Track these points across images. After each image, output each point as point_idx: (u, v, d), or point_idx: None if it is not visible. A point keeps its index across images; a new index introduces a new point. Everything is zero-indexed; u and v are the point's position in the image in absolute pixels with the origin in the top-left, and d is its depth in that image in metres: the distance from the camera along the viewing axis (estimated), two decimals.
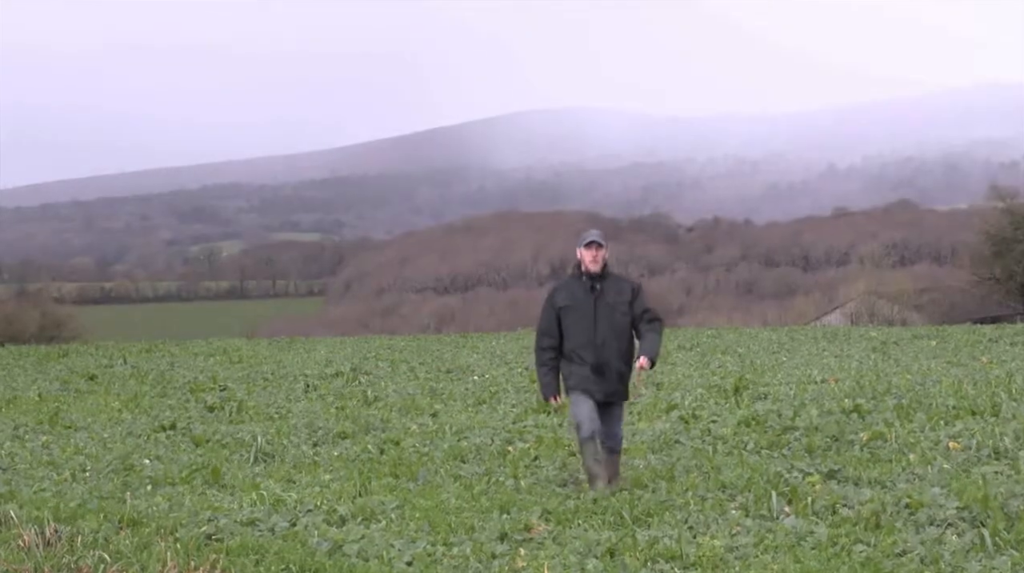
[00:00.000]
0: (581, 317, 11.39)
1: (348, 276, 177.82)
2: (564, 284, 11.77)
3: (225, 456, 14.06)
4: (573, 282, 11.63)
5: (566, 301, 11.50)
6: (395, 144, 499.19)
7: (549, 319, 11.59)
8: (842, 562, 8.14)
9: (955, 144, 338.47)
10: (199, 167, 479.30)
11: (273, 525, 9.90)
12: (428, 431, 15.61)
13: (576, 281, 11.60)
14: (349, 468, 13.00)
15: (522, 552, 8.79)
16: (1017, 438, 12.54)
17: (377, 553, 8.85)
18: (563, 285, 11.76)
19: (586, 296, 11.44)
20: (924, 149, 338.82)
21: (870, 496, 9.97)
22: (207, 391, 21.43)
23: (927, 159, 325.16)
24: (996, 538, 8.47)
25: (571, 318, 11.43)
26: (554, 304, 11.59)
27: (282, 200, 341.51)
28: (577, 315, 11.41)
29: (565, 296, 11.55)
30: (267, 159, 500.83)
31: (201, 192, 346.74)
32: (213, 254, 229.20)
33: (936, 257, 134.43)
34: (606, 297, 11.42)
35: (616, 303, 11.43)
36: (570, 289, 11.59)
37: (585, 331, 11.37)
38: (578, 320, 11.40)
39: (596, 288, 11.45)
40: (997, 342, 28.09)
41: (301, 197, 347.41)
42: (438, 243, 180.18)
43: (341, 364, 25.99)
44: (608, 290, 11.47)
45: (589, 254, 11.48)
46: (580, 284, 11.54)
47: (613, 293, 11.47)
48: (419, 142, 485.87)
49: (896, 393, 17.00)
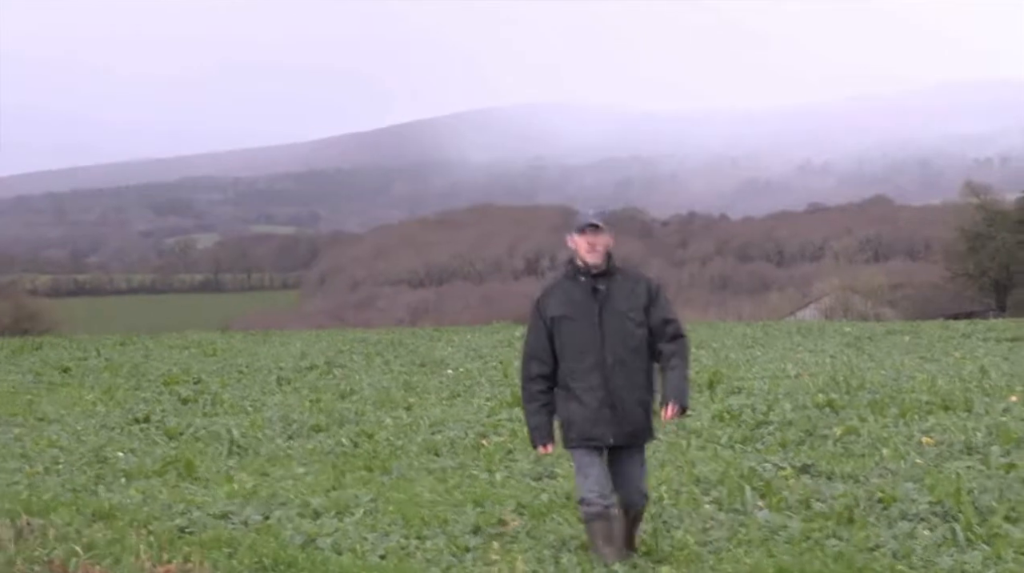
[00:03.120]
0: (582, 330, 8.46)
1: (323, 269, 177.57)
2: (556, 286, 8.74)
3: (199, 449, 14.03)
4: (568, 283, 8.64)
5: (561, 309, 8.54)
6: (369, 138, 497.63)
7: (539, 335, 8.63)
8: (815, 556, 8.17)
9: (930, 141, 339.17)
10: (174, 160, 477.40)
11: (247, 518, 9.89)
12: (402, 424, 15.60)
13: (572, 281, 8.62)
14: (323, 461, 12.99)
15: (496, 546, 8.80)
16: (989, 433, 12.59)
17: (351, 546, 8.85)
18: (555, 288, 8.74)
19: (587, 301, 8.49)
20: (899, 146, 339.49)
21: (843, 490, 10.01)
22: (181, 384, 21.38)
23: (902, 156, 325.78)
24: (968, 533, 8.52)
25: (569, 332, 8.49)
26: (544, 314, 8.61)
27: (257, 193, 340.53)
28: (577, 328, 8.47)
29: (559, 302, 8.58)
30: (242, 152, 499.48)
31: (176, 184, 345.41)
32: (188, 247, 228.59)
33: (910, 253, 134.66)
34: (614, 301, 8.49)
35: (629, 309, 8.50)
36: (565, 293, 8.61)
37: (589, 349, 8.43)
38: (578, 334, 8.47)
39: (600, 290, 8.51)
40: (970, 337, 28.19)
41: (276, 190, 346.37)
42: (413, 237, 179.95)
43: (316, 357, 25.95)
44: (617, 292, 8.53)
45: (586, 241, 8.49)
46: (578, 285, 8.57)
47: (623, 295, 8.53)
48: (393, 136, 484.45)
49: (870, 388, 17.04)
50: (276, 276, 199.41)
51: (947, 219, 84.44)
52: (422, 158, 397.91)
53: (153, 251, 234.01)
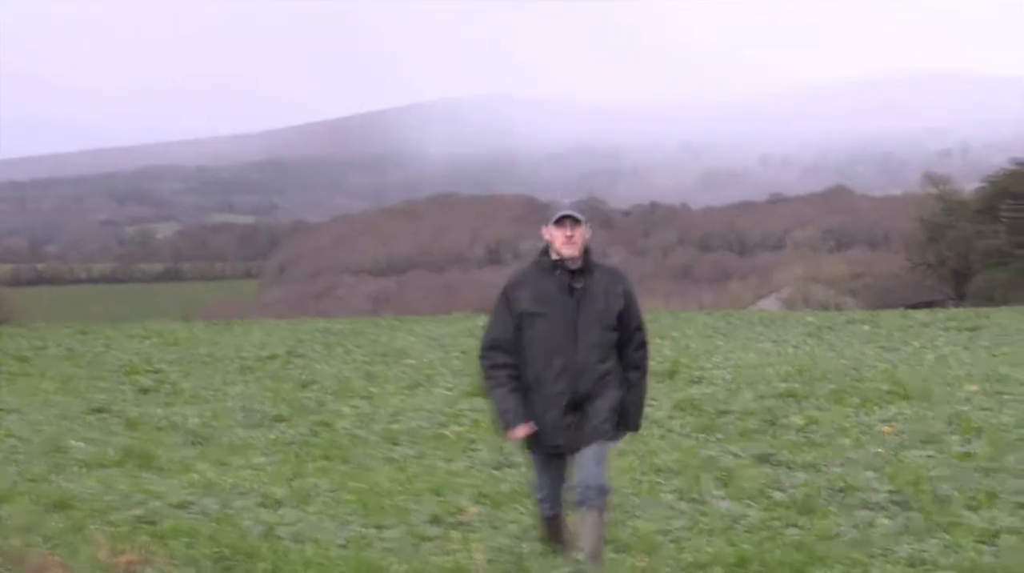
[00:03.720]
0: (554, 330, 7.79)
1: (283, 259, 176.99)
2: (528, 277, 7.97)
3: (158, 439, 13.95)
4: (541, 276, 7.91)
5: (533, 305, 7.83)
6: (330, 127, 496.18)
7: (505, 326, 7.92)
8: (775, 545, 8.19)
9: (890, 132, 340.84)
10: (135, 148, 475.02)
11: (206, 508, 9.84)
12: (363, 414, 15.58)
13: (546, 274, 7.89)
14: (283, 451, 12.95)
15: (455, 535, 8.79)
16: (948, 423, 12.68)
17: (311, 536, 8.81)
18: (527, 279, 7.97)
19: (563, 298, 7.81)
20: (860, 137, 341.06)
21: (803, 480, 10.06)
22: (141, 373, 21.28)
23: (862, 147, 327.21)
24: (927, 521, 8.58)
25: (538, 331, 7.80)
26: (512, 306, 7.90)
27: (218, 182, 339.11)
28: (548, 327, 7.79)
29: (531, 297, 7.86)
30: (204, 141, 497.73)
31: (137, 173, 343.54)
32: (148, 236, 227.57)
33: (871, 243, 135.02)
34: (591, 301, 7.85)
35: (604, 311, 7.87)
36: (539, 286, 7.88)
37: (559, 350, 7.78)
38: (549, 333, 7.79)
39: (577, 287, 7.84)
40: (929, 327, 28.32)
41: (237, 179, 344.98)
42: (374, 226, 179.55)
43: (276, 347, 25.88)
44: (594, 291, 7.88)
45: (563, 234, 7.79)
46: (552, 279, 7.85)
47: (601, 295, 7.88)
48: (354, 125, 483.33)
49: (830, 378, 17.13)
50: (237, 265, 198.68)
51: (907, 209, 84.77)
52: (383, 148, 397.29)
53: (113, 240, 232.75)
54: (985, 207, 70.93)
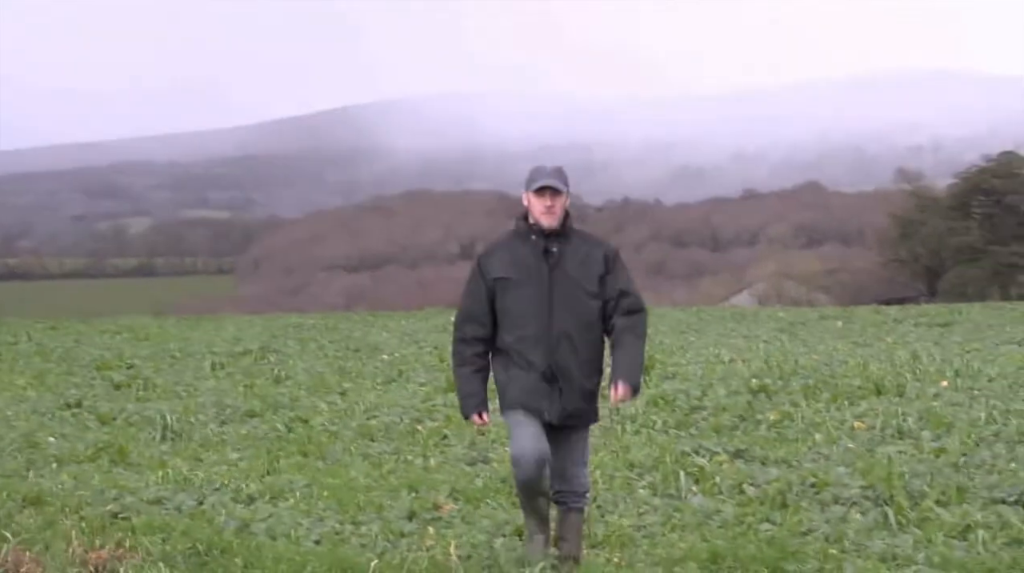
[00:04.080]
0: (528, 295, 7.61)
1: (257, 254, 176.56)
2: (502, 244, 7.86)
3: (132, 434, 13.93)
4: (517, 242, 7.76)
5: (505, 270, 7.69)
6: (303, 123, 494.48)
7: (477, 297, 7.78)
8: (748, 540, 8.21)
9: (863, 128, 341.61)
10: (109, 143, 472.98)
11: (180, 504, 9.84)
12: (337, 410, 15.56)
13: (521, 241, 7.74)
14: (257, 447, 12.94)
15: (430, 531, 8.79)
16: (920, 418, 12.73)
17: (285, 532, 8.81)
18: (500, 246, 7.87)
19: (537, 263, 7.64)
20: (832, 133, 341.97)
21: (776, 475, 10.08)
22: (114, 369, 21.22)
23: (835, 143, 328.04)
24: (899, 517, 8.61)
25: (513, 297, 7.65)
26: (486, 274, 7.75)
27: (192, 178, 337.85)
28: (522, 292, 7.62)
29: (504, 263, 7.72)
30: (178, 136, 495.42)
31: (109, 168, 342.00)
32: (121, 231, 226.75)
33: (843, 239, 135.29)
34: (566, 266, 7.65)
35: (581, 277, 7.66)
36: (512, 252, 7.75)
37: (534, 317, 7.60)
38: (523, 299, 7.63)
39: (552, 251, 7.65)
40: (902, 323, 28.44)
41: (211, 175, 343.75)
42: (348, 222, 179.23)
43: (250, 342, 25.82)
44: (569, 256, 7.68)
45: (541, 204, 7.63)
46: (528, 246, 7.70)
47: (577, 261, 7.68)
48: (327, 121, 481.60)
49: (803, 374, 17.17)
50: (210, 261, 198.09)
51: (880, 206, 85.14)
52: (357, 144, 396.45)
53: (86, 235, 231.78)
54: (957, 203, 71.21)
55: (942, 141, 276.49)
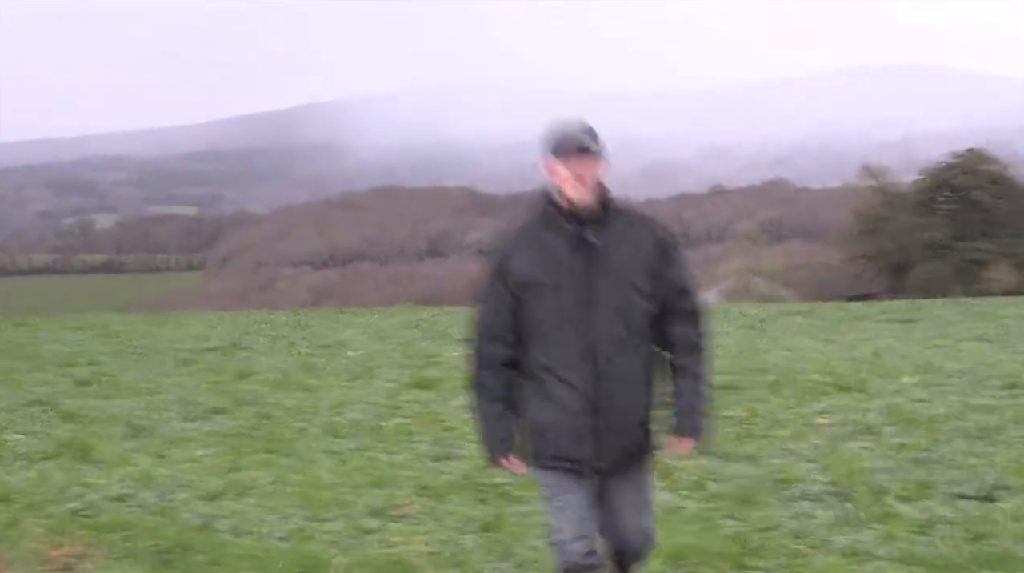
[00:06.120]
0: (565, 303, 5.69)
1: (226, 250, 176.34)
2: (526, 236, 5.83)
3: (96, 431, 13.86)
4: (545, 233, 5.77)
5: (534, 272, 5.73)
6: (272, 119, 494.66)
7: (499, 307, 5.86)
8: (713, 536, 8.25)
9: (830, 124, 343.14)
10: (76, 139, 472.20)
11: (144, 501, 9.81)
12: (304, 406, 15.53)
13: (551, 230, 5.76)
14: (222, 443, 12.89)
15: (396, 527, 8.80)
16: (883, 414, 12.80)
17: (250, 529, 8.81)
18: (524, 238, 5.83)
19: (571, 259, 5.69)
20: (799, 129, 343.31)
21: (741, 471, 10.11)
22: (79, 365, 21.12)
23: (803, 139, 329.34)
24: (862, 512, 8.66)
25: (543, 306, 5.73)
26: (508, 277, 5.81)
27: (160, 173, 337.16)
28: (558, 299, 5.70)
29: (532, 261, 5.74)
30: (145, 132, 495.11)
31: (77, 164, 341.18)
32: (87, 227, 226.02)
33: (810, 235, 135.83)
34: (613, 259, 5.72)
35: (630, 272, 5.75)
36: (541, 247, 5.75)
37: (571, 331, 5.71)
38: (556, 309, 5.71)
39: (593, 243, 5.70)
40: (866, 319, 28.50)
41: (180, 170, 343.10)
42: (316, 218, 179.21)
43: (217, 339, 25.72)
44: (616, 246, 5.74)
45: (570, 170, 5.66)
46: (560, 236, 5.73)
47: (624, 252, 5.76)
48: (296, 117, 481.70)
49: (768, 369, 17.23)
50: (179, 257, 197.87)
51: (846, 201, 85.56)
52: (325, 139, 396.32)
53: (52, 232, 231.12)
54: (923, 200, 71.65)
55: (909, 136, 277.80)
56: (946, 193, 70.80)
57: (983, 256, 66.34)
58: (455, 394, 15.36)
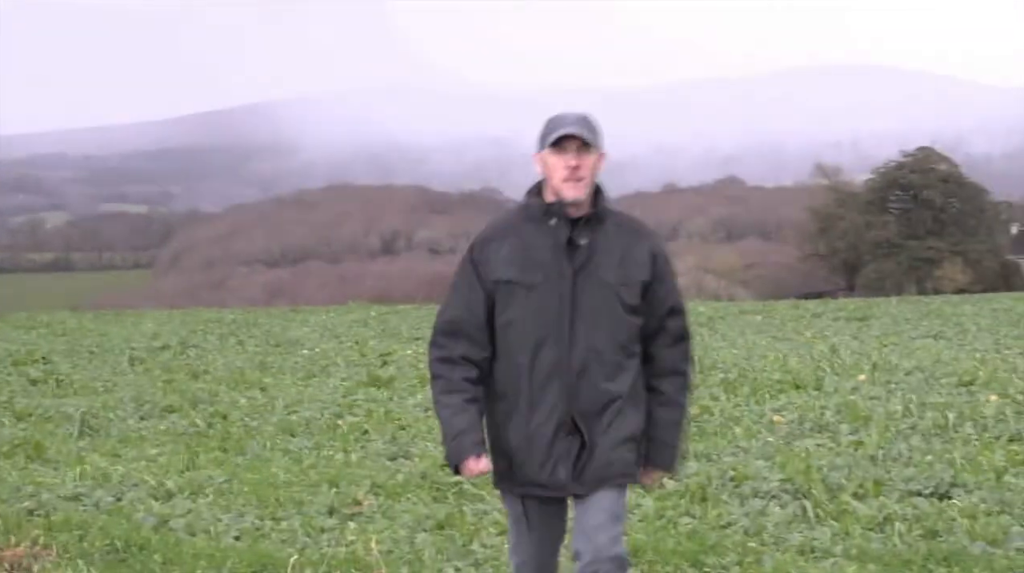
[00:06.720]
0: (544, 307, 5.21)
1: (176, 249, 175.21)
2: (508, 229, 5.36)
3: (48, 430, 13.78)
4: (529, 228, 5.31)
5: (514, 269, 5.24)
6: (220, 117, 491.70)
7: (470, 304, 5.31)
8: (668, 534, 8.25)
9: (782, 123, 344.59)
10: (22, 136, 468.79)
11: (98, 500, 9.75)
12: (257, 405, 15.46)
13: (536, 225, 5.30)
14: (176, 442, 12.83)
15: (351, 526, 8.77)
16: (838, 412, 12.84)
17: (204, 528, 8.77)
18: (506, 232, 5.35)
19: (556, 259, 5.22)
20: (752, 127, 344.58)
21: (696, 469, 10.11)
22: (30, 365, 20.97)
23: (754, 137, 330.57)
24: (817, 509, 8.68)
25: (521, 308, 5.23)
26: (485, 273, 5.29)
27: (109, 171, 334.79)
28: (536, 302, 5.21)
29: (512, 257, 5.25)
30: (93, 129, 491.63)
31: (23, 162, 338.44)
32: (36, 225, 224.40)
33: (762, 233, 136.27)
34: (598, 266, 5.25)
35: (619, 283, 5.27)
36: (524, 243, 5.27)
37: (550, 339, 5.20)
38: (536, 313, 5.21)
39: (580, 244, 5.25)
40: (820, 317, 28.63)
41: (129, 168, 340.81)
42: (267, 216, 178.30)
43: (169, 337, 25.59)
44: (603, 251, 5.29)
45: (562, 163, 5.25)
46: (545, 233, 5.26)
47: (614, 259, 5.29)
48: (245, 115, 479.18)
49: (722, 367, 17.28)
50: (128, 256, 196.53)
51: (798, 200, 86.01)
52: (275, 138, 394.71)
53: (1, 230, 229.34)
54: (875, 198, 72.16)
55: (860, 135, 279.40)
56: (897, 192, 71.32)
57: (934, 254, 66.87)
58: (410, 393, 15.34)
